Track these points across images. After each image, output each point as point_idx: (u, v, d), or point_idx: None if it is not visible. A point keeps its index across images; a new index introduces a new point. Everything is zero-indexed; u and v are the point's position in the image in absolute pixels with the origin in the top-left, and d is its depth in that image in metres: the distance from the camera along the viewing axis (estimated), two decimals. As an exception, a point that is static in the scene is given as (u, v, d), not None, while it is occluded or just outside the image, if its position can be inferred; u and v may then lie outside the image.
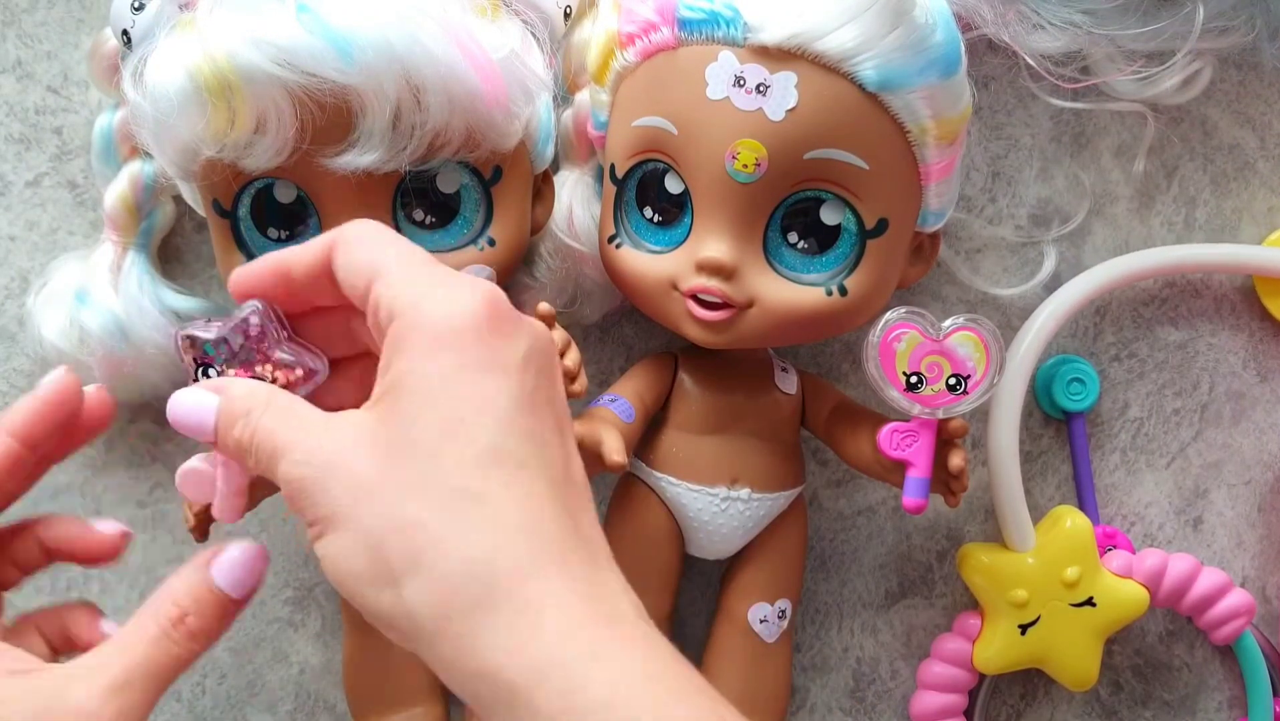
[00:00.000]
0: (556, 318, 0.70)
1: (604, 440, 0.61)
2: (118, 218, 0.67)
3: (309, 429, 0.45)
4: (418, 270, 0.46)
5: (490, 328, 0.45)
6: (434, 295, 0.45)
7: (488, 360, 0.44)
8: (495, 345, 0.45)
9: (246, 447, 0.46)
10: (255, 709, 0.74)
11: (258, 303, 0.50)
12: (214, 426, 0.47)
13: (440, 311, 0.45)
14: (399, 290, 0.45)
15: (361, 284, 0.46)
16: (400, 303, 0.45)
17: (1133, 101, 0.75)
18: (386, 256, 0.46)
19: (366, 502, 0.43)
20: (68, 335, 0.66)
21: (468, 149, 0.60)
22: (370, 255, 0.47)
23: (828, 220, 0.62)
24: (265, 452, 0.46)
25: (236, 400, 0.47)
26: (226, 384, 0.48)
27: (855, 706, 0.78)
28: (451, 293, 0.45)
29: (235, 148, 0.56)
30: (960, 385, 0.62)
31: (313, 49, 0.54)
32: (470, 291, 0.45)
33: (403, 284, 0.45)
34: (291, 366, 0.50)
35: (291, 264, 0.48)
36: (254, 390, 0.48)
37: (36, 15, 0.71)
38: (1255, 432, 0.80)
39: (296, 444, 0.45)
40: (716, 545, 0.69)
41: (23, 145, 0.71)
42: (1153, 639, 0.80)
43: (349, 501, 0.43)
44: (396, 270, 0.46)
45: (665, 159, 0.62)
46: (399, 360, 0.44)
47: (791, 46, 0.58)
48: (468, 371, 0.44)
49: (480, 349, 0.44)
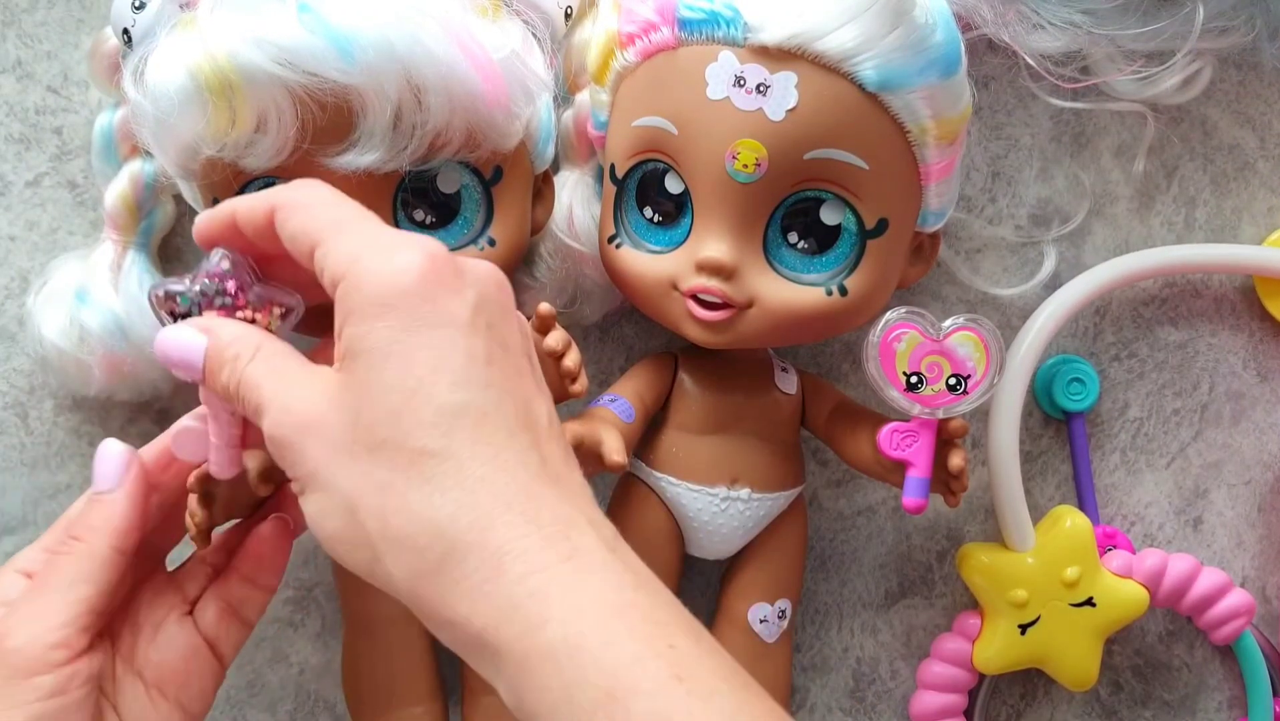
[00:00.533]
0: (556, 317, 0.70)
1: (604, 440, 0.61)
2: (118, 216, 0.67)
3: (289, 386, 0.46)
4: (357, 232, 0.47)
5: (434, 282, 0.45)
6: (374, 257, 0.45)
7: (435, 317, 0.45)
8: (441, 300, 0.45)
9: (234, 395, 0.47)
10: (255, 709, 0.74)
11: (224, 250, 0.50)
12: (202, 367, 0.48)
13: (381, 273, 0.45)
14: (339, 254, 0.46)
15: (305, 249, 0.47)
16: (341, 267, 0.45)
17: (1133, 101, 0.75)
18: (325, 221, 0.47)
19: (339, 465, 0.44)
20: (68, 334, 0.66)
21: (468, 149, 0.60)
22: (308, 220, 0.47)
23: (828, 220, 0.62)
24: (250, 405, 0.47)
25: (225, 344, 0.48)
26: (214, 324, 0.49)
27: (855, 706, 0.78)
28: (391, 253, 0.46)
29: (236, 147, 0.56)
30: (960, 385, 0.62)
31: (314, 48, 0.54)
32: (409, 249, 0.46)
33: (343, 248, 0.46)
34: (266, 306, 0.51)
35: (238, 217, 0.49)
36: (242, 334, 0.49)
37: (36, 15, 0.71)
38: (1255, 432, 0.80)
39: (276, 401, 0.46)
40: (716, 545, 0.69)
41: (23, 145, 0.71)
42: (1153, 639, 0.80)
43: (325, 462, 0.45)
44: (336, 235, 0.46)
45: (665, 159, 0.62)
46: (349, 325, 0.45)
47: (791, 46, 0.58)
48: (416, 331, 0.45)
49: (426, 306, 0.45)
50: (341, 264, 0.45)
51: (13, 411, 0.72)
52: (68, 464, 0.73)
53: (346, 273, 0.45)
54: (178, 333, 0.49)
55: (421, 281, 0.45)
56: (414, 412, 0.44)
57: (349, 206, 0.48)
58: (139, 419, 0.72)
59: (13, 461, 0.72)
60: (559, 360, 0.59)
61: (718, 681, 0.43)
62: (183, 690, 0.54)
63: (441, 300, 0.45)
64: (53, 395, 0.72)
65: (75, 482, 0.72)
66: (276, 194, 0.48)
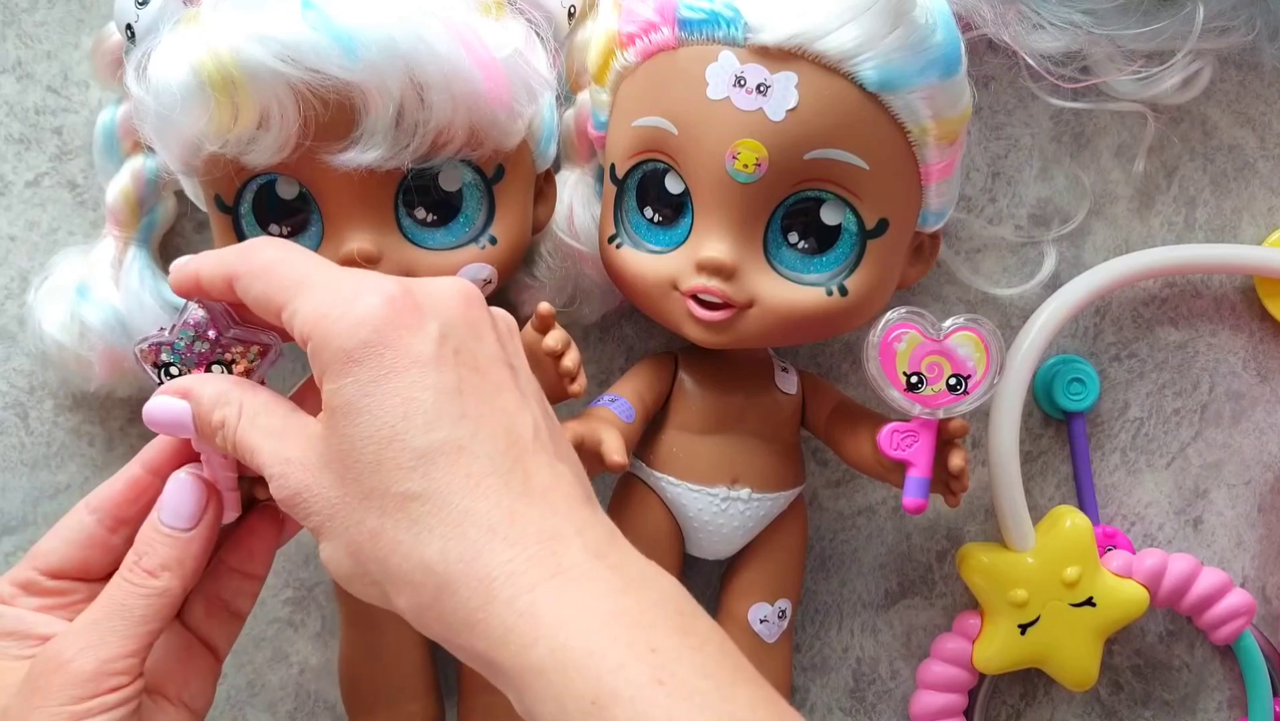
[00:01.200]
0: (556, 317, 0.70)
1: (604, 440, 0.61)
2: (119, 212, 0.67)
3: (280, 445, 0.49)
4: (318, 286, 0.48)
5: (394, 325, 0.47)
6: (334, 312, 0.47)
7: (400, 360, 0.46)
8: (404, 342, 0.46)
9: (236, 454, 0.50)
10: (255, 709, 0.74)
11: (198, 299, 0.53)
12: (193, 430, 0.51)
13: (343, 327, 0.46)
14: (305, 315, 0.47)
15: (273, 312, 0.49)
16: (308, 326, 0.47)
17: (1133, 101, 0.75)
18: (286, 282, 0.49)
19: (337, 518, 0.47)
20: (68, 329, 0.66)
21: (470, 147, 0.60)
22: (269, 286, 0.49)
23: (828, 220, 0.62)
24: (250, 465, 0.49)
25: (208, 408, 0.50)
26: (193, 385, 0.51)
27: (855, 706, 0.78)
28: (350, 305, 0.47)
29: (238, 143, 0.56)
30: (960, 385, 0.62)
31: (317, 45, 0.54)
32: (366, 296, 0.47)
33: (307, 308, 0.47)
34: (246, 347, 0.53)
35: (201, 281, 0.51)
36: (223, 392, 0.51)
37: (36, 15, 0.71)
38: (1255, 432, 0.80)
39: (274, 466, 0.48)
40: (716, 545, 0.69)
41: (23, 145, 0.71)
42: (1153, 639, 0.80)
43: (326, 516, 0.47)
44: (298, 295, 0.48)
45: (665, 159, 0.62)
46: (325, 382, 0.47)
47: (792, 46, 0.58)
48: (384, 380, 0.46)
49: (389, 352, 0.46)
50: (308, 323, 0.47)
51: (13, 411, 0.72)
52: (68, 464, 0.73)
53: (312, 332, 0.47)
54: (161, 401, 0.51)
55: (381, 328, 0.46)
56: (392, 460, 0.46)
57: (306, 261, 0.49)
58: (139, 418, 0.71)
59: (13, 461, 0.72)
60: (558, 360, 0.59)
61: (700, 679, 0.43)
62: (183, 689, 0.55)
63: (404, 342, 0.46)
64: (53, 395, 0.72)
65: (75, 482, 0.72)
66: (233, 262, 0.50)
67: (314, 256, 0.50)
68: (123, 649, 0.50)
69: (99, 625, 0.50)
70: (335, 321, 0.46)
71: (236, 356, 0.53)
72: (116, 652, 0.50)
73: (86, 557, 0.54)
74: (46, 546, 0.55)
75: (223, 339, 0.53)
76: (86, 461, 0.72)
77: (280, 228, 0.61)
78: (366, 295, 0.47)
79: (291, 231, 0.61)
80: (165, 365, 0.53)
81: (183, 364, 0.53)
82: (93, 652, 0.49)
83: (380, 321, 0.46)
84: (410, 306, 0.47)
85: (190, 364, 0.53)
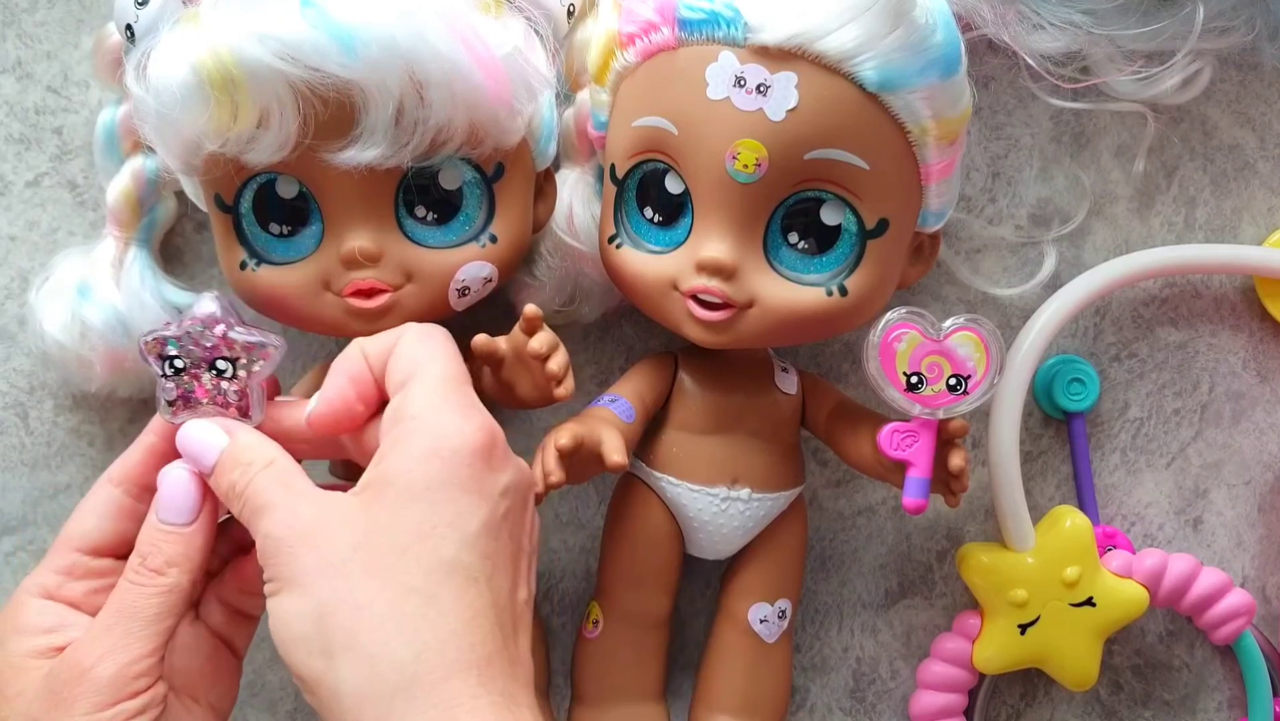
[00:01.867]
0: (555, 317, 0.70)
1: (604, 440, 0.61)
2: (120, 212, 0.67)
3: (297, 496, 0.51)
4: (445, 387, 0.52)
5: (482, 456, 0.51)
6: (445, 412, 0.51)
7: (471, 482, 0.50)
8: (481, 472, 0.51)
9: (238, 495, 0.51)
10: (255, 709, 0.74)
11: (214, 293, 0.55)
12: (213, 464, 0.53)
13: (446, 427, 0.51)
14: (421, 397, 0.51)
15: (399, 378, 0.53)
16: (417, 407, 0.51)
17: (1133, 101, 0.75)
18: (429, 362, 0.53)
19: (328, 576, 0.48)
20: (69, 330, 0.66)
21: (470, 145, 0.59)
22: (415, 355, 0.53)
23: (828, 220, 0.62)
24: (252, 506, 0.51)
25: (241, 448, 0.53)
26: (237, 428, 0.54)
27: (855, 706, 0.78)
28: (460, 416, 0.51)
29: (238, 142, 0.56)
30: (960, 385, 0.62)
31: (316, 43, 0.54)
32: (476, 421, 0.51)
33: (427, 392, 0.52)
34: (249, 347, 0.54)
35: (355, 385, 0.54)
36: (261, 444, 0.53)
37: (36, 15, 0.71)
38: (1255, 432, 0.80)
39: (283, 506, 0.50)
40: (717, 545, 0.69)
41: (23, 145, 0.71)
42: (1153, 639, 0.80)
43: (313, 571, 0.48)
44: (428, 379, 0.52)
45: (665, 159, 0.62)
46: (397, 457, 0.50)
47: (792, 47, 0.58)
48: (451, 487, 0.50)
49: (466, 471, 0.50)
50: (419, 405, 0.51)
51: (13, 411, 0.72)
52: (68, 464, 0.73)
53: (419, 415, 0.51)
54: (201, 428, 0.54)
55: (476, 451, 0.50)
56: (418, 556, 0.48)
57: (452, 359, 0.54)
58: (140, 418, 0.72)
59: (13, 461, 0.72)
60: (544, 362, 0.59)
61: None
62: (211, 690, 0.57)
63: (482, 472, 0.50)
64: (53, 395, 0.72)
65: (75, 482, 0.72)
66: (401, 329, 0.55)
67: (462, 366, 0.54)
68: (141, 650, 0.51)
69: (114, 629, 0.51)
70: (440, 417, 0.51)
71: (240, 354, 0.54)
72: (135, 655, 0.50)
73: (122, 530, 0.55)
74: (81, 526, 0.55)
75: (228, 336, 0.54)
76: (86, 461, 0.72)
77: (280, 227, 0.61)
78: (477, 417, 0.52)
79: (291, 231, 0.61)
80: (169, 358, 0.54)
81: (186, 357, 0.54)
82: (112, 659, 0.50)
83: (476, 444, 0.50)
84: (502, 451, 0.52)
85: (194, 357, 0.54)
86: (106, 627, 0.51)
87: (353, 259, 0.60)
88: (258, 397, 0.55)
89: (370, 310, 0.61)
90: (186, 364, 0.54)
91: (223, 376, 0.55)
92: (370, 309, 0.61)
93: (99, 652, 0.50)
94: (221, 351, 0.54)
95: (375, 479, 0.50)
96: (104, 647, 0.50)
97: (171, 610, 0.52)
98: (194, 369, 0.54)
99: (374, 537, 0.49)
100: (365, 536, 0.49)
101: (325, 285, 0.61)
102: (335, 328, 0.62)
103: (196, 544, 0.53)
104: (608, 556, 0.70)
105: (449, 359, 0.53)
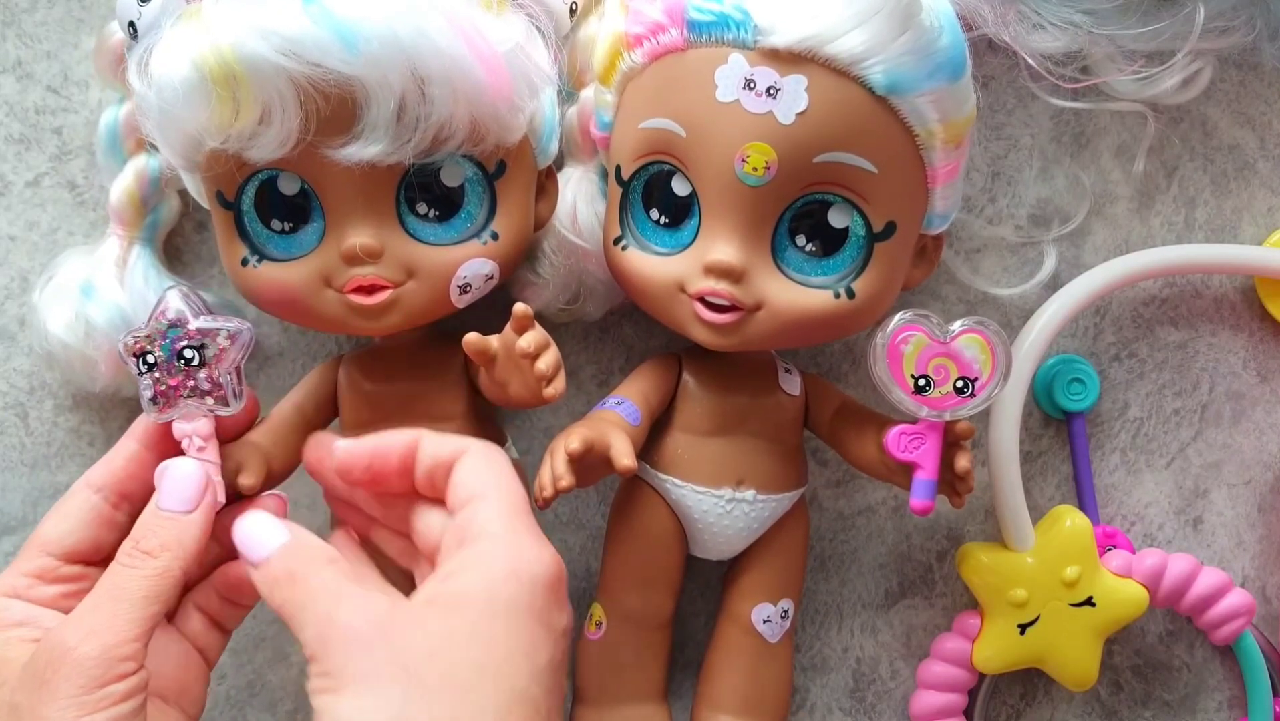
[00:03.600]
0: (559, 315, 0.70)
1: (614, 444, 0.60)
2: (123, 211, 0.67)
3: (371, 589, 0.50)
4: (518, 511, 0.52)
5: (554, 588, 0.50)
6: (524, 536, 0.51)
7: (544, 614, 0.49)
8: (552, 605, 0.50)
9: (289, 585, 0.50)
10: (255, 709, 0.74)
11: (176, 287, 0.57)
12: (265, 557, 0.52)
13: (526, 553, 0.50)
14: (499, 518, 0.51)
15: (464, 493, 0.52)
16: (496, 527, 0.50)
17: (1133, 101, 0.76)
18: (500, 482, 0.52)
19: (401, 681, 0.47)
20: (73, 329, 0.66)
21: (472, 142, 0.59)
22: (483, 473, 0.52)
23: (835, 223, 0.62)
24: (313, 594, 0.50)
25: (304, 545, 0.52)
26: (298, 530, 0.52)
27: (855, 706, 0.78)
28: (539, 544, 0.51)
29: (239, 138, 0.56)
30: (967, 387, 0.62)
31: (318, 39, 0.54)
32: (551, 551, 0.51)
33: (504, 513, 0.51)
34: (211, 333, 0.56)
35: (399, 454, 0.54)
36: (320, 547, 0.52)
37: (36, 15, 0.71)
38: (1255, 432, 0.80)
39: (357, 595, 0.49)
40: (720, 546, 0.69)
41: (23, 145, 0.71)
42: (1153, 639, 0.80)
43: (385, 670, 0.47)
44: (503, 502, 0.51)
45: (673, 161, 0.62)
46: (477, 573, 0.49)
47: (802, 50, 0.58)
48: (528, 614, 0.49)
49: (541, 600, 0.49)
50: (497, 523, 0.50)
51: (13, 411, 0.72)
52: (68, 464, 0.72)
53: (498, 534, 0.50)
54: (262, 524, 0.52)
55: (550, 583, 0.50)
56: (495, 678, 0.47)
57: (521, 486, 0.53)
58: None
59: (13, 461, 0.72)
60: (533, 361, 0.58)
61: None
62: (182, 696, 0.56)
63: (552, 606, 0.50)
64: (53, 395, 0.72)
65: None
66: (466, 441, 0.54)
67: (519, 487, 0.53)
68: (126, 633, 0.50)
69: (100, 609, 0.50)
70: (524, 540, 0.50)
71: (209, 342, 0.55)
72: (120, 637, 0.50)
73: (97, 537, 0.55)
74: (56, 530, 0.55)
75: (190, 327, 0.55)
76: (86, 461, 0.72)
77: (282, 224, 0.61)
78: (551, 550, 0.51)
79: (293, 228, 0.61)
80: (142, 355, 0.55)
81: (158, 353, 0.55)
82: (96, 638, 0.49)
83: (552, 577, 0.50)
84: (565, 591, 0.51)
85: (168, 351, 0.55)
86: (92, 608, 0.51)
87: (354, 255, 0.60)
88: (234, 385, 0.56)
89: (371, 307, 0.61)
90: (158, 359, 0.55)
91: (191, 365, 0.55)
92: (371, 305, 0.61)
93: (84, 631, 0.49)
94: (194, 340, 0.55)
95: (449, 591, 0.49)
96: (89, 626, 0.49)
97: (160, 595, 0.51)
98: (168, 363, 0.55)
99: (451, 649, 0.47)
100: (442, 645, 0.47)
101: (326, 282, 0.61)
102: (336, 324, 0.62)
103: (193, 532, 0.53)
104: (611, 557, 0.70)
105: (516, 482, 0.53)
